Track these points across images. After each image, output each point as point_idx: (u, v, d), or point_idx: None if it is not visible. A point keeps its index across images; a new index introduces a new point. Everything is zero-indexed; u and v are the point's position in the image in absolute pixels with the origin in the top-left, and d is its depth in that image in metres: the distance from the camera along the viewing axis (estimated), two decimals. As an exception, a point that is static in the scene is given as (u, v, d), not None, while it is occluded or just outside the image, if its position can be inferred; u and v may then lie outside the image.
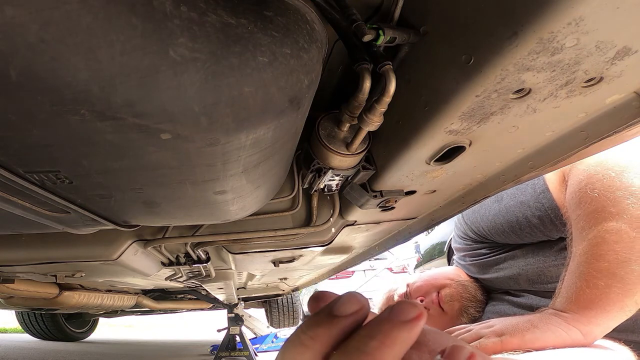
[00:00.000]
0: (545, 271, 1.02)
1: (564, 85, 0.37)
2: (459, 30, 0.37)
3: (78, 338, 4.21)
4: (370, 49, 0.42)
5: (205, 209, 0.55)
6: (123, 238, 0.94)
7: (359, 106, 0.46)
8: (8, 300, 1.79)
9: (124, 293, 2.44)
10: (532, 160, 0.56)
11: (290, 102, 0.35)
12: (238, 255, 1.24)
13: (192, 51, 0.27)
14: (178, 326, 9.86)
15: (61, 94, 0.26)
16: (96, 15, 0.23)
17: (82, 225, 0.58)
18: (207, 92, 0.29)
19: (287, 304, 4.60)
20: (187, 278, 1.53)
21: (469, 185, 0.69)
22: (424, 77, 0.44)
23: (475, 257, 1.20)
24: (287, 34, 0.32)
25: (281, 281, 2.43)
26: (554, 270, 1.01)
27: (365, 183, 0.65)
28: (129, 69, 0.25)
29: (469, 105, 0.40)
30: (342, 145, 0.55)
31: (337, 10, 0.41)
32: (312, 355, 0.24)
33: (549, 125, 0.47)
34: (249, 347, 3.07)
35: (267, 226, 0.96)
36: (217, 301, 2.94)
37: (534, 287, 1.04)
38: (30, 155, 0.35)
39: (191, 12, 0.26)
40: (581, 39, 0.31)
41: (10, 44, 0.22)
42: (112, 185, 0.44)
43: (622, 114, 0.43)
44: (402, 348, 0.23)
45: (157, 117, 0.29)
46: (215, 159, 0.38)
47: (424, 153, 0.52)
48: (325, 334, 0.24)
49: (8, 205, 0.46)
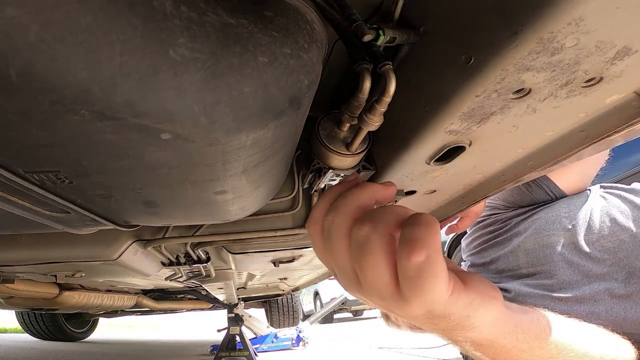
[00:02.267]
0: (538, 239, 1.00)
1: (564, 85, 0.37)
2: (459, 30, 0.37)
3: (78, 338, 4.21)
4: (370, 49, 0.42)
5: (205, 209, 0.55)
6: (123, 238, 0.94)
7: (359, 106, 0.46)
8: (8, 300, 1.79)
9: (124, 293, 2.44)
10: (532, 160, 0.56)
11: (290, 102, 0.35)
12: (238, 255, 1.25)
13: (192, 51, 0.27)
14: (178, 326, 9.85)
15: (61, 94, 0.26)
16: (96, 15, 0.23)
17: (82, 225, 0.58)
18: (207, 92, 0.29)
19: (287, 304, 4.61)
20: (187, 278, 1.54)
21: (469, 185, 0.69)
22: (424, 77, 0.44)
23: (485, 236, 1.18)
24: (287, 34, 0.32)
25: (281, 281, 2.44)
26: (545, 239, 0.99)
27: (366, 183, 0.66)
28: (129, 69, 0.25)
29: (469, 105, 0.40)
30: (342, 145, 0.55)
31: (337, 10, 0.41)
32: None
33: (549, 125, 0.47)
34: (249, 347, 3.07)
35: (267, 226, 0.96)
36: (217, 301, 2.95)
37: (530, 267, 1.02)
38: (30, 155, 0.35)
39: (191, 12, 0.26)
40: (581, 39, 0.31)
41: (10, 44, 0.22)
42: (112, 185, 0.44)
43: (622, 114, 0.43)
44: (354, 201, 0.37)
45: (157, 117, 0.29)
46: (215, 159, 0.38)
47: (424, 153, 0.52)
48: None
49: (8, 205, 0.46)
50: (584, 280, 0.91)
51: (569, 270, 0.94)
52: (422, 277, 0.32)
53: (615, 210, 0.96)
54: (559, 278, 0.95)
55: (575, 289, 0.91)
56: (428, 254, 0.31)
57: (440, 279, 0.33)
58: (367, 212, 0.37)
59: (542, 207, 1.09)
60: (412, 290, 0.33)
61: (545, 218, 1.04)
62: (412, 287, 0.33)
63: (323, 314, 5.04)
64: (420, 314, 0.37)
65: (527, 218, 1.08)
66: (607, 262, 0.91)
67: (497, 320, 0.43)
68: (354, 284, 0.38)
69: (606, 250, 0.92)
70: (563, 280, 0.94)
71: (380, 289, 0.35)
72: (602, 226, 0.95)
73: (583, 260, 0.94)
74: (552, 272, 0.96)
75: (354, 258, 0.36)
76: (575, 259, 0.94)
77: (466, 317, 0.39)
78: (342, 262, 0.38)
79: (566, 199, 1.07)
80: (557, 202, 1.08)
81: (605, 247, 0.92)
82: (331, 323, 9.17)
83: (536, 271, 1.00)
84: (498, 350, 0.48)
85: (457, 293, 0.36)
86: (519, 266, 1.04)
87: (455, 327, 0.41)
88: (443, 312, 0.37)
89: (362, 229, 0.35)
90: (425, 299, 0.34)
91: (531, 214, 1.08)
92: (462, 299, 0.36)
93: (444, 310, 0.37)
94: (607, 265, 0.90)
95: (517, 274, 1.04)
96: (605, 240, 0.93)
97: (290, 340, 3.87)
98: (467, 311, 0.38)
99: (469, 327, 0.41)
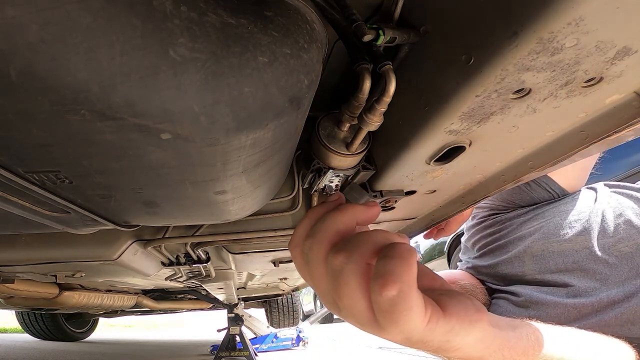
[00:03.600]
0: (547, 245, 0.96)
1: (564, 85, 0.37)
2: (459, 30, 0.37)
3: (78, 338, 4.21)
4: (370, 49, 0.42)
5: (205, 209, 0.55)
6: (123, 238, 0.94)
7: (359, 106, 0.46)
8: (8, 300, 1.79)
9: (124, 293, 2.44)
10: (532, 160, 0.56)
11: (290, 102, 0.35)
12: (238, 255, 1.25)
13: (192, 51, 0.27)
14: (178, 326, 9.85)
15: (61, 94, 0.26)
16: (96, 15, 0.23)
17: (82, 225, 0.58)
18: (207, 92, 0.29)
19: (287, 304, 4.61)
20: (187, 278, 1.54)
21: (469, 185, 0.69)
22: (424, 77, 0.44)
23: (485, 239, 1.15)
24: (287, 34, 0.32)
25: (281, 281, 2.43)
26: (556, 245, 0.95)
27: (365, 183, 0.66)
28: (129, 69, 0.25)
29: (469, 105, 0.40)
30: (342, 145, 0.55)
31: (337, 10, 0.41)
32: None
33: (549, 125, 0.47)
34: (249, 347, 3.07)
35: (267, 226, 0.96)
36: (217, 301, 2.94)
37: (538, 274, 0.97)
38: (30, 155, 0.35)
39: (191, 12, 0.26)
40: (581, 39, 0.31)
41: (10, 44, 0.22)
42: (112, 185, 0.44)
43: (622, 114, 0.43)
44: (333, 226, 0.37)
45: (157, 117, 0.29)
46: (215, 159, 0.38)
47: (424, 153, 0.52)
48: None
49: (8, 205, 0.46)
50: (602, 288, 0.87)
51: (585, 279, 0.90)
52: (395, 311, 0.32)
53: (629, 211, 0.92)
54: (575, 286, 0.90)
55: (592, 296, 0.87)
56: (401, 288, 0.31)
57: (414, 312, 0.33)
58: (345, 238, 0.37)
59: (544, 206, 1.06)
60: (387, 321, 0.33)
61: (553, 222, 1.00)
62: (387, 319, 0.33)
63: (323, 313, 5.04)
64: (398, 341, 0.37)
65: (531, 219, 1.05)
66: (625, 267, 0.86)
67: (482, 340, 0.42)
68: (334, 308, 0.39)
69: (624, 255, 0.88)
70: (579, 288, 0.89)
71: (356, 316, 0.36)
72: (617, 229, 0.91)
73: (600, 266, 0.89)
74: (566, 281, 0.92)
75: (331, 285, 0.36)
76: (591, 266, 0.90)
77: (446, 342, 0.39)
78: (321, 287, 0.38)
79: (570, 199, 1.04)
80: (562, 201, 1.04)
81: (622, 252, 0.88)
82: (331, 323, 9.16)
83: (546, 280, 0.96)
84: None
85: (434, 321, 0.36)
86: (524, 272, 1.00)
87: (437, 349, 0.41)
88: (421, 339, 0.37)
89: (337, 257, 0.35)
90: (400, 330, 0.34)
91: (534, 215, 1.05)
92: (440, 327, 0.36)
93: (422, 337, 0.37)
94: (625, 271, 0.86)
95: (523, 279, 1.00)
96: (622, 244, 0.89)
97: (290, 340, 3.87)
98: (447, 337, 0.38)
99: (451, 350, 0.41)
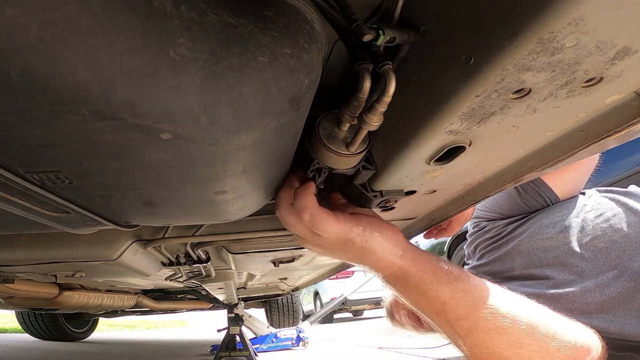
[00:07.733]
0: (532, 243, 1.03)
1: (564, 85, 0.37)
2: (459, 30, 0.37)
3: (78, 338, 4.21)
4: (370, 49, 0.42)
5: (205, 209, 0.55)
6: (123, 238, 0.94)
7: (359, 106, 0.46)
8: (8, 300, 1.79)
9: (124, 293, 2.44)
10: (532, 160, 0.56)
11: (290, 102, 0.35)
12: (238, 255, 1.25)
13: (192, 51, 0.27)
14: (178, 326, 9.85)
15: (61, 94, 0.26)
16: (96, 15, 0.23)
17: (82, 225, 0.58)
18: (207, 92, 0.29)
19: (287, 304, 4.61)
20: (187, 278, 1.54)
21: (469, 185, 0.69)
22: (424, 77, 0.44)
23: (484, 243, 1.21)
24: (287, 34, 0.32)
25: (281, 281, 2.44)
26: (540, 242, 1.02)
27: (365, 183, 0.65)
28: (129, 69, 0.25)
29: (469, 105, 0.40)
30: (342, 145, 0.55)
31: (337, 10, 0.41)
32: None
33: (549, 125, 0.47)
34: (249, 347, 3.07)
35: (267, 226, 0.96)
36: (217, 301, 2.94)
37: (524, 269, 1.04)
38: (30, 155, 0.35)
39: (191, 12, 0.26)
40: (581, 39, 0.31)
41: (10, 44, 0.22)
42: (112, 185, 0.44)
43: (622, 114, 0.43)
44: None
45: (157, 117, 0.29)
46: (215, 159, 0.38)
47: (424, 153, 0.52)
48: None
49: (8, 205, 0.46)
50: (579, 280, 0.94)
51: (564, 272, 0.97)
52: (314, 223, 0.57)
53: (609, 212, 0.99)
54: (555, 279, 0.97)
55: (569, 287, 0.94)
56: (311, 213, 0.57)
57: (325, 218, 0.57)
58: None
59: (537, 213, 1.13)
60: (317, 230, 0.58)
61: (540, 222, 1.07)
62: (315, 229, 0.58)
63: (323, 314, 5.04)
64: (333, 242, 0.59)
65: (523, 223, 1.12)
66: (600, 261, 0.93)
67: (396, 244, 0.61)
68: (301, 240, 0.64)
69: (599, 250, 0.94)
70: (558, 280, 0.96)
71: (306, 237, 0.61)
72: (595, 228, 0.98)
73: (577, 260, 0.96)
74: (547, 274, 0.98)
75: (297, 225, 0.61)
76: (569, 260, 0.97)
77: (365, 241, 0.59)
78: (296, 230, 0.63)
79: (559, 204, 1.11)
80: (552, 207, 1.12)
81: (597, 248, 0.95)
82: (331, 323, 9.17)
83: (530, 274, 1.02)
84: (414, 288, 0.62)
85: (347, 221, 0.59)
86: (513, 268, 1.07)
87: (362, 252, 0.60)
88: (345, 236, 0.58)
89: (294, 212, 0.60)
90: (325, 230, 0.57)
91: (527, 219, 1.12)
92: (353, 225, 0.59)
93: (345, 235, 0.58)
94: (599, 265, 0.93)
95: (511, 275, 1.07)
96: (598, 240, 0.96)
97: (290, 340, 3.87)
98: (364, 236, 0.59)
99: (371, 251, 0.60)
